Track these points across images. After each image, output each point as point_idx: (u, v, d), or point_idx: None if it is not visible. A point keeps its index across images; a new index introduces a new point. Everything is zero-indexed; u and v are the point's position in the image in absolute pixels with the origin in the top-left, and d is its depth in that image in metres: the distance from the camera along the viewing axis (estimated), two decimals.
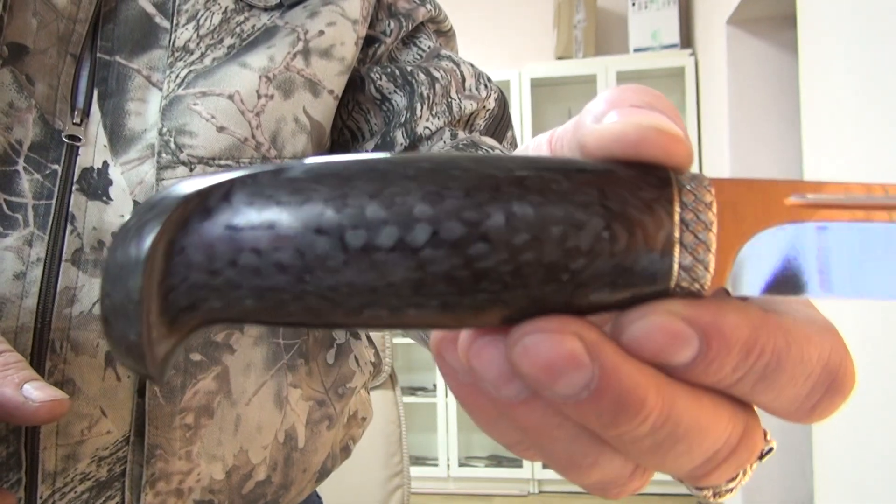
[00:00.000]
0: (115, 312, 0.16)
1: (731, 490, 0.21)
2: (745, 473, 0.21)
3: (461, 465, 3.08)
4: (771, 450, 0.22)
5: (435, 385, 3.13)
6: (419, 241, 0.16)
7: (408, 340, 3.13)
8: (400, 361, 3.29)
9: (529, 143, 0.22)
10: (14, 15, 0.38)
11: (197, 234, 0.16)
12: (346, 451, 0.55)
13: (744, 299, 0.18)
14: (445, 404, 3.07)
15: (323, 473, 0.53)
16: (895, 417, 1.27)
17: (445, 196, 0.16)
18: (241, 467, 0.45)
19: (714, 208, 0.17)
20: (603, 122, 0.17)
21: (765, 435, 0.22)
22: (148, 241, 0.15)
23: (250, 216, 0.16)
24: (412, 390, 3.16)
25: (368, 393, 0.60)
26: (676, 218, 0.17)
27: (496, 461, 3.13)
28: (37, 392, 0.30)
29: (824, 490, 1.64)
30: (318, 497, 0.59)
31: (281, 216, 0.16)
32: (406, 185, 0.16)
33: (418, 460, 3.14)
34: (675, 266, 0.17)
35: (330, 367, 0.51)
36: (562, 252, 0.16)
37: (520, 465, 3.06)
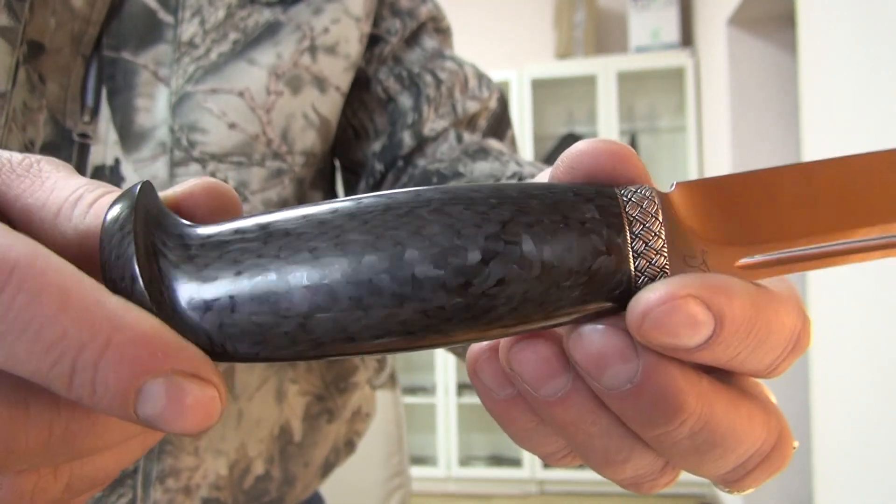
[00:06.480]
0: None
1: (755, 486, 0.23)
2: None
3: (461, 465, 3.09)
4: (793, 448, 0.23)
5: (435, 385, 3.13)
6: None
7: None
8: (400, 361, 3.29)
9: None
10: (35, 13, 0.38)
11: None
12: (350, 446, 0.56)
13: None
14: (445, 404, 3.07)
15: (327, 468, 0.53)
16: (895, 417, 1.27)
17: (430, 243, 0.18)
18: (241, 461, 0.46)
19: (660, 216, 0.19)
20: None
21: None
22: None
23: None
24: (412, 390, 3.17)
25: (373, 389, 0.61)
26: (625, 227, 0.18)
27: (496, 461, 3.13)
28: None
29: (824, 490, 1.64)
30: (320, 497, 0.60)
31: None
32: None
33: (418, 460, 3.14)
34: (632, 269, 0.18)
35: (332, 363, 0.52)
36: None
37: (520, 465, 3.06)
